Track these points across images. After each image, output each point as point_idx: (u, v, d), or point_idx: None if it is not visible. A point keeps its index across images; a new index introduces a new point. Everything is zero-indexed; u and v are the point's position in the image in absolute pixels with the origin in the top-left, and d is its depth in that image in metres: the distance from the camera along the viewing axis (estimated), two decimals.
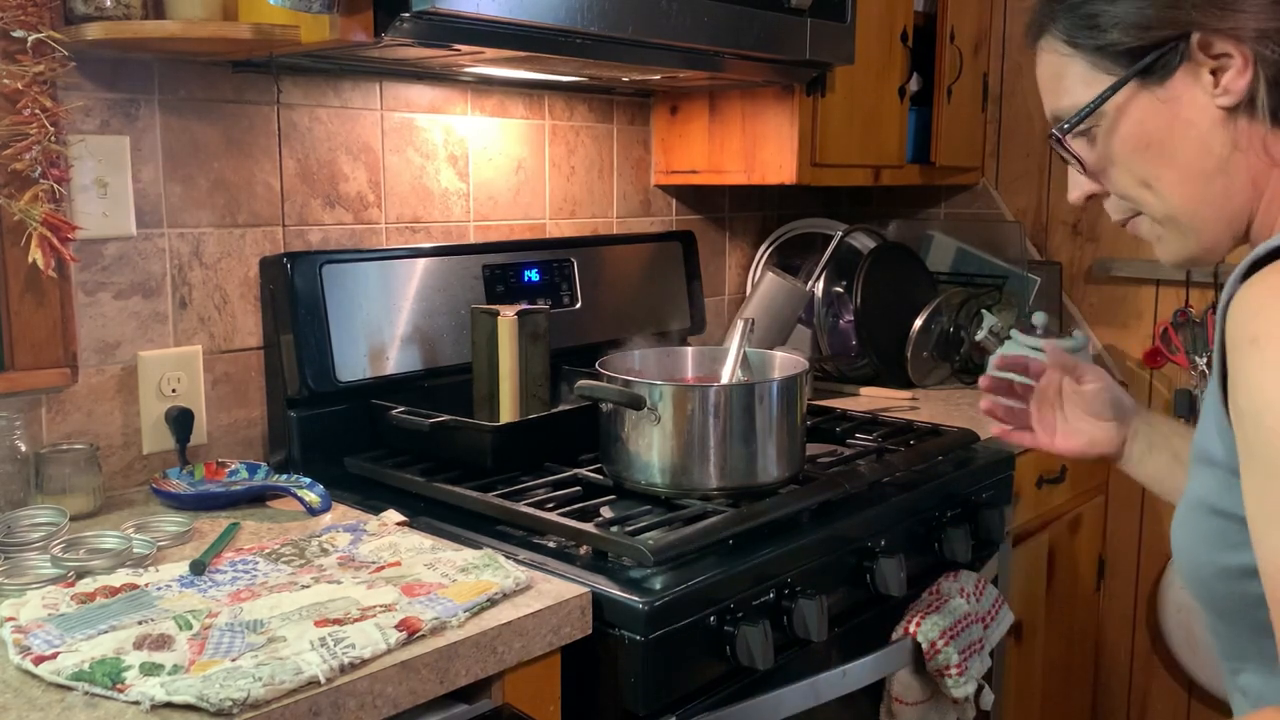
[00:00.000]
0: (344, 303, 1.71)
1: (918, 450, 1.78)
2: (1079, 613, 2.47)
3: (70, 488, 1.46)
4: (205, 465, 1.63)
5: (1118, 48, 0.95)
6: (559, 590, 1.24)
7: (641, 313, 2.20)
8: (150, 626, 1.10)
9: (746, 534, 1.42)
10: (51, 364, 1.51)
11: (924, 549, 1.69)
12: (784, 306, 2.26)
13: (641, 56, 1.67)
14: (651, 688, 1.25)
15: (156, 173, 1.60)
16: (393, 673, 1.06)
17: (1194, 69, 0.92)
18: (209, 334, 1.68)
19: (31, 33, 1.37)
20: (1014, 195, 2.66)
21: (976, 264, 2.63)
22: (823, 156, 2.16)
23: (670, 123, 2.30)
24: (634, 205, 2.33)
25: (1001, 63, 2.65)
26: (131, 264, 1.59)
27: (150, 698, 0.96)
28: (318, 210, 1.79)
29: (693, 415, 1.50)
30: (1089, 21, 0.97)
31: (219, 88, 1.66)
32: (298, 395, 1.68)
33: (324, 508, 1.52)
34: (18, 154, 1.40)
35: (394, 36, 1.37)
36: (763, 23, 1.74)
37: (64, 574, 1.25)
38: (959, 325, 2.43)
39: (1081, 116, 0.98)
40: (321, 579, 1.24)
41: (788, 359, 1.72)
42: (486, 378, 1.78)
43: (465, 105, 1.98)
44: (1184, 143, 0.94)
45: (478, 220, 2.03)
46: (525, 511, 1.45)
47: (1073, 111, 0.99)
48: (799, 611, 1.39)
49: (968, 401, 2.28)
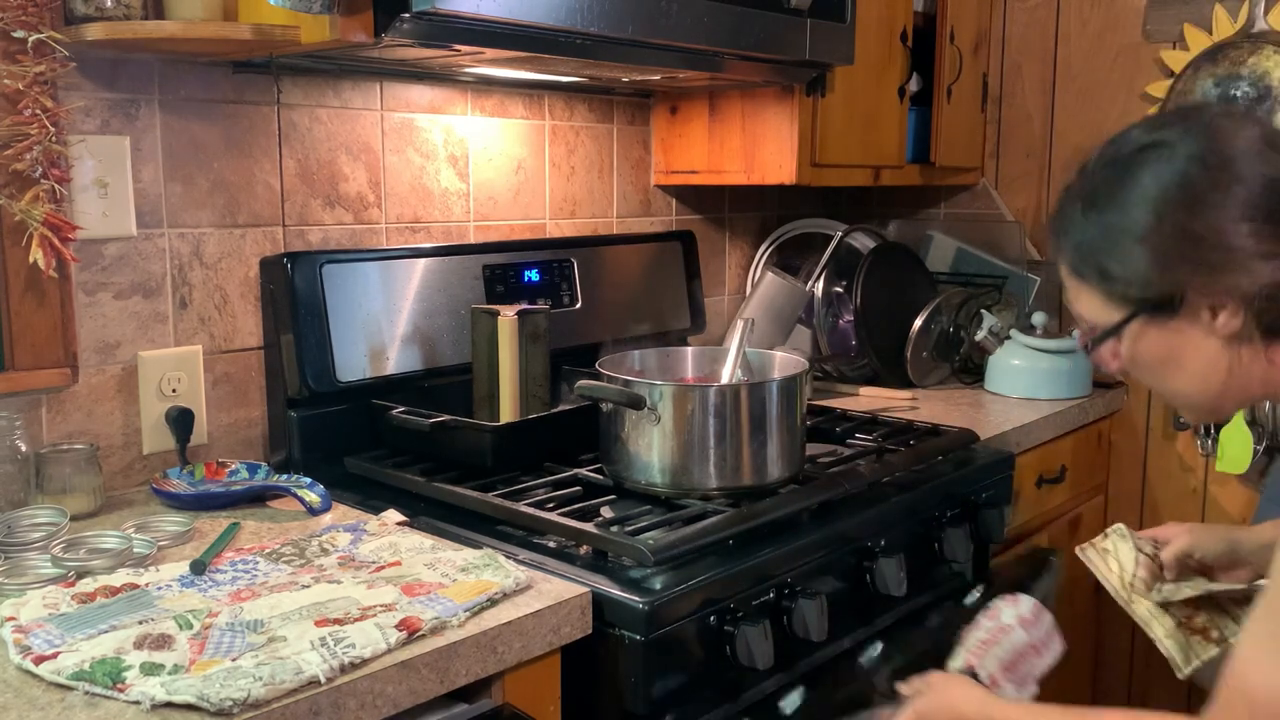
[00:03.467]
0: (344, 303, 1.71)
1: (917, 450, 1.78)
2: (1079, 613, 2.47)
3: (70, 488, 1.46)
4: (205, 465, 1.63)
5: (1125, 295, 1.07)
6: (559, 590, 1.24)
7: (641, 313, 2.20)
8: (150, 626, 1.10)
9: (746, 534, 1.42)
10: (52, 364, 1.51)
11: (924, 549, 1.69)
12: (784, 306, 2.27)
13: (641, 56, 1.67)
14: (651, 688, 1.25)
15: (157, 173, 1.60)
16: (393, 672, 1.06)
17: (1194, 311, 1.04)
18: (209, 334, 1.68)
19: (32, 33, 1.37)
20: (1014, 195, 2.66)
21: (976, 264, 2.63)
22: (823, 156, 2.17)
23: (670, 123, 2.31)
24: (634, 205, 2.33)
25: (1001, 63, 2.65)
26: (132, 264, 1.59)
27: (150, 697, 0.96)
28: (318, 210, 1.79)
29: (693, 415, 1.50)
30: (1098, 268, 1.08)
31: (219, 88, 1.66)
32: (298, 395, 1.68)
33: (324, 508, 1.52)
34: (18, 154, 1.40)
35: (394, 37, 1.37)
36: (762, 23, 1.74)
37: (64, 574, 1.25)
38: (959, 325, 2.43)
39: (1100, 339, 1.12)
40: (322, 579, 1.24)
41: (788, 359, 1.72)
42: (486, 378, 1.78)
43: (465, 105, 1.98)
44: (1193, 362, 1.07)
45: (478, 220, 2.03)
46: (525, 511, 1.45)
47: (1091, 325, 1.13)
48: (799, 611, 1.39)
49: (968, 401, 2.28)
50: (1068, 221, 1.11)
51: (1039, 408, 2.20)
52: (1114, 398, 2.46)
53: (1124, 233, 1.04)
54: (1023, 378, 2.31)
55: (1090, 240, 1.08)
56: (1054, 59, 2.57)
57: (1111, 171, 1.07)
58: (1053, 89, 2.58)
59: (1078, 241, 1.09)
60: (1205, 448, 2.37)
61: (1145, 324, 1.07)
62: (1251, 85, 2.24)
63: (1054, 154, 2.59)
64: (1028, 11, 2.60)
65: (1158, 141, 1.06)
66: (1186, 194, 1.02)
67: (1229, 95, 2.26)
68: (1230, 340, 1.04)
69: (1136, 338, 1.08)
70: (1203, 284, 1.02)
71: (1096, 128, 2.51)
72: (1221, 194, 1.01)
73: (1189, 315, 1.04)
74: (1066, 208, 1.11)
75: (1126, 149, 1.08)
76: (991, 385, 2.36)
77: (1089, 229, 1.07)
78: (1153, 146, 1.06)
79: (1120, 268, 1.06)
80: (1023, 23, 2.61)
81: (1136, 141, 1.07)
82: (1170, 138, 1.05)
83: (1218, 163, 1.02)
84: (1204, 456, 2.40)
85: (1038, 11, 2.58)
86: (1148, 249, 1.03)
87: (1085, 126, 2.53)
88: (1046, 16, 2.57)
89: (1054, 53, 2.57)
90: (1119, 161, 1.07)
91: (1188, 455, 2.45)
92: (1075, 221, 1.09)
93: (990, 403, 2.27)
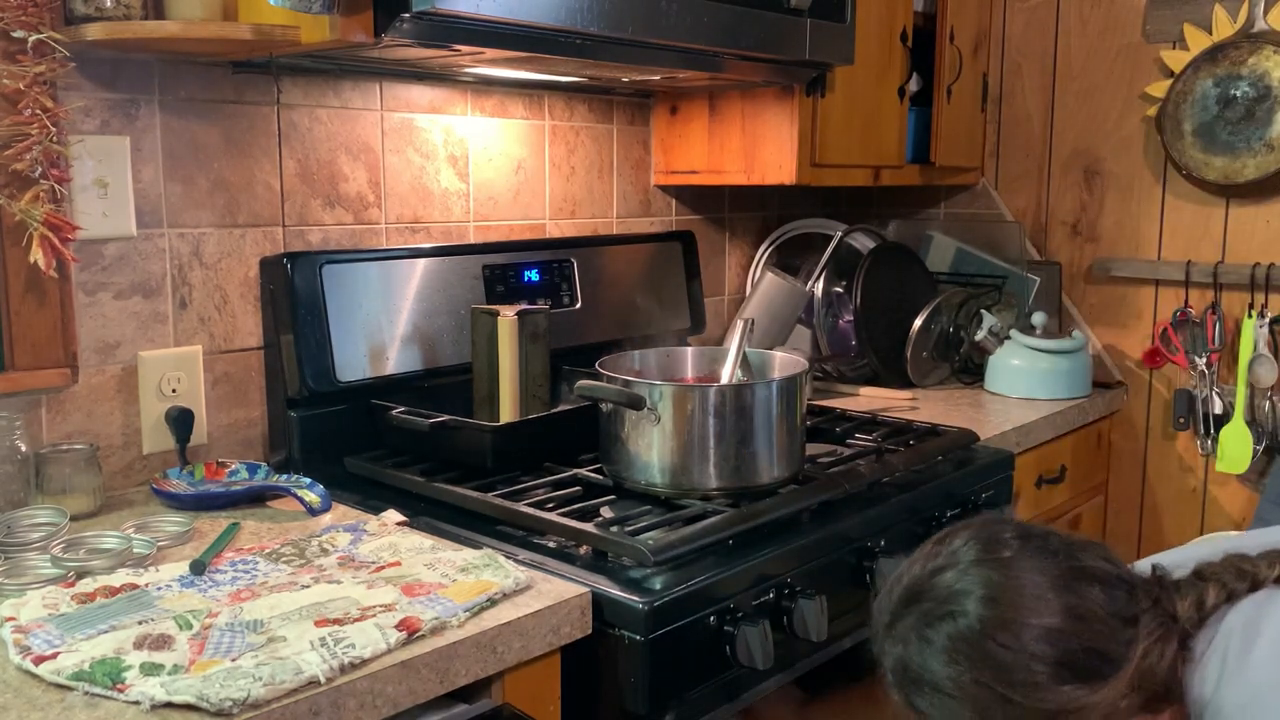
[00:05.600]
0: (344, 303, 1.71)
1: (917, 450, 1.78)
2: None
3: (70, 488, 1.46)
4: (205, 465, 1.63)
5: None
6: (559, 590, 1.24)
7: (641, 313, 2.20)
8: (150, 626, 1.10)
9: (746, 534, 1.42)
10: (52, 364, 1.51)
11: None
12: (784, 306, 2.27)
13: (641, 56, 1.67)
14: (651, 688, 1.25)
15: (156, 173, 1.60)
16: (393, 672, 1.06)
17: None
18: (209, 334, 1.68)
19: (32, 33, 1.37)
20: (1014, 195, 2.66)
21: (976, 264, 2.63)
22: (822, 156, 2.17)
23: (670, 123, 2.31)
24: (634, 205, 2.33)
25: (1001, 63, 2.65)
26: (132, 264, 1.59)
27: (150, 697, 0.96)
28: (318, 210, 1.79)
29: (693, 415, 1.50)
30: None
31: (219, 88, 1.66)
32: (298, 395, 1.68)
33: (324, 508, 1.52)
34: (18, 154, 1.40)
35: (394, 37, 1.37)
36: (762, 23, 1.74)
37: (64, 574, 1.25)
38: (959, 325, 2.43)
39: None
40: (321, 579, 1.24)
41: (788, 359, 1.72)
42: (486, 378, 1.78)
43: (465, 105, 1.98)
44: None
45: (478, 220, 2.03)
46: (525, 511, 1.45)
47: None
48: (799, 611, 1.39)
49: (967, 401, 2.28)
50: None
51: (1039, 408, 2.21)
52: (1114, 398, 2.46)
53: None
54: (1023, 378, 2.31)
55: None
56: (1054, 59, 2.57)
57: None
58: (1053, 89, 2.58)
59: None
60: (1205, 448, 2.37)
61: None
62: (1251, 85, 2.24)
63: (1054, 154, 2.59)
64: (1028, 11, 2.60)
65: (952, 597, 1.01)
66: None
67: (1229, 95, 2.26)
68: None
69: None
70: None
71: (1097, 128, 2.51)
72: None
73: None
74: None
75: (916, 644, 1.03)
76: (991, 385, 2.36)
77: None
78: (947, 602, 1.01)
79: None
80: (1023, 23, 2.61)
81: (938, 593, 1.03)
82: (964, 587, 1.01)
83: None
84: (1204, 456, 2.40)
85: (1038, 11, 2.58)
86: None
87: (1085, 126, 2.53)
88: (1046, 16, 2.57)
89: (1054, 53, 2.57)
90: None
91: (1188, 455, 2.45)
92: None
93: (990, 403, 2.27)
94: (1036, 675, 0.97)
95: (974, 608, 0.99)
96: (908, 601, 1.04)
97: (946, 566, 1.03)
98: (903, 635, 1.03)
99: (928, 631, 1.01)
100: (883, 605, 1.07)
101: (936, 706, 1.01)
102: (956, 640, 0.99)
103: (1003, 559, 1.02)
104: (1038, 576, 1.00)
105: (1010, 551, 1.02)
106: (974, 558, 1.02)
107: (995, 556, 1.02)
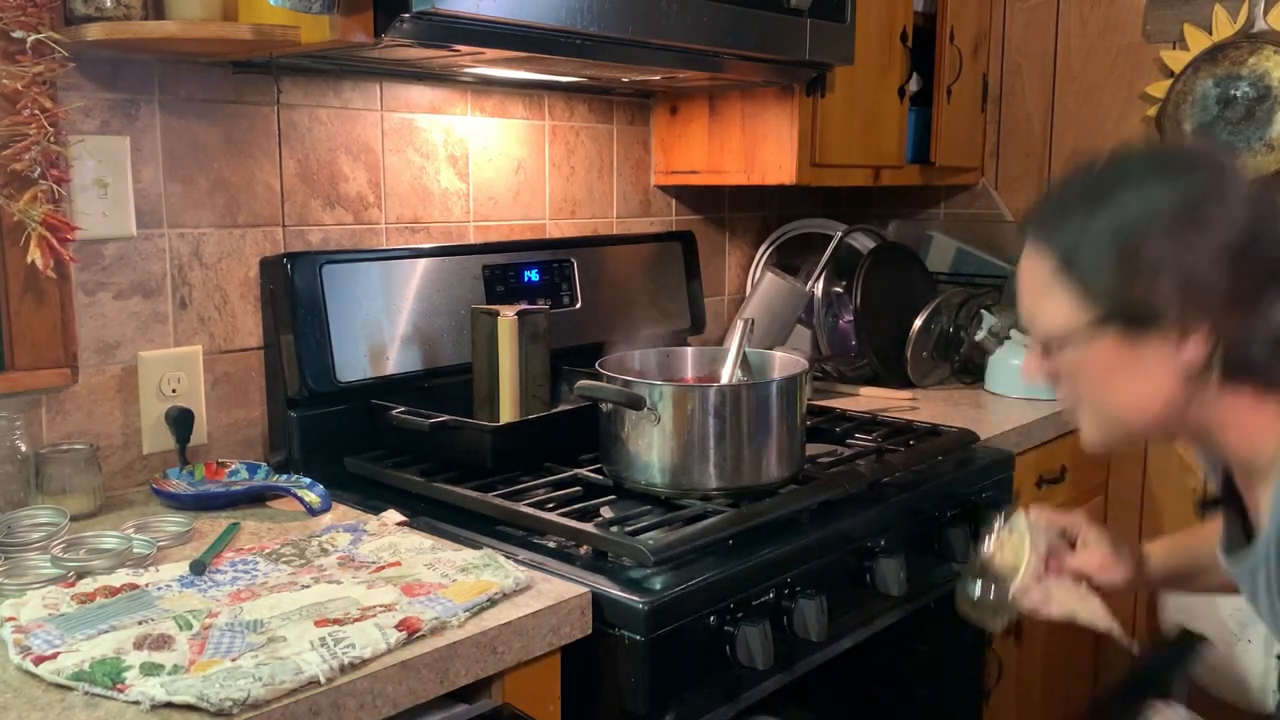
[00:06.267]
0: (344, 303, 1.71)
1: (917, 450, 1.78)
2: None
3: (70, 488, 1.46)
4: (205, 465, 1.63)
5: (1104, 300, 1.05)
6: (559, 590, 1.24)
7: (641, 313, 2.20)
8: (150, 626, 1.10)
9: (746, 534, 1.42)
10: (51, 364, 1.51)
11: (924, 549, 1.69)
12: (784, 306, 2.27)
13: (641, 56, 1.67)
14: (651, 688, 1.25)
15: (156, 173, 1.60)
16: (393, 673, 1.06)
17: (1164, 331, 1.03)
18: (209, 334, 1.68)
19: (31, 33, 1.37)
20: (1014, 195, 2.66)
21: (976, 264, 2.63)
22: (822, 157, 2.17)
23: (670, 123, 2.31)
24: (634, 205, 2.33)
25: (1001, 63, 2.65)
26: (131, 264, 1.59)
27: (150, 698, 0.96)
28: (318, 210, 1.79)
29: (693, 415, 1.50)
30: (1088, 266, 1.06)
31: (219, 88, 1.66)
32: (298, 395, 1.68)
33: (324, 508, 1.52)
34: (17, 154, 1.40)
35: (394, 37, 1.37)
36: (762, 23, 1.74)
37: (64, 574, 1.25)
38: (959, 325, 2.43)
39: (1054, 344, 1.10)
40: (321, 579, 1.24)
41: (788, 359, 1.72)
42: (486, 378, 1.78)
43: (465, 105, 1.98)
44: (1142, 381, 1.06)
45: (478, 220, 2.03)
46: (525, 511, 1.45)
47: (1044, 330, 1.10)
48: (799, 611, 1.39)
49: (968, 401, 2.28)
50: (1064, 216, 1.08)
51: (1039, 408, 2.20)
52: None
53: (1125, 236, 1.03)
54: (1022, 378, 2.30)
55: (1089, 238, 1.05)
56: (1054, 59, 2.57)
57: (1121, 178, 1.07)
58: (1053, 89, 2.58)
59: (1075, 238, 1.06)
60: None
61: (1111, 332, 1.05)
62: (1251, 85, 2.24)
63: (1054, 154, 2.59)
64: (1028, 11, 2.60)
65: (1169, 164, 1.07)
66: (1192, 216, 1.01)
67: (1229, 95, 2.26)
68: (1187, 371, 1.03)
69: (1092, 344, 1.06)
70: (1183, 306, 1.01)
71: (1097, 128, 2.51)
72: (1223, 227, 1.00)
73: (1158, 334, 1.03)
74: (1066, 202, 1.09)
75: (1137, 160, 1.09)
76: (991, 385, 2.36)
77: (1090, 227, 1.05)
78: (1163, 166, 1.07)
79: (1110, 270, 1.04)
80: (1023, 23, 2.61)
81: (1147, 157, 1.09)
82: (1180, 164, 1.06)
83: (1224, 197, 1.02)
84: None
85: (1038, 11, 2.58)
86: (1143, 258, 1.02)
87: (1085, 126, 2.53)
88: (1046, 16, 2.57)
89: (1054, 53, 2.57)
90: (1130, 172, 1.07)
91: (1187, 455, 2.45)
92: (1075, 217, 1.07)
93: (990, 403, 2.27)
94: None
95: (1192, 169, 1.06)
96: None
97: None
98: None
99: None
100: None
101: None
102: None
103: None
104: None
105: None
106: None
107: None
